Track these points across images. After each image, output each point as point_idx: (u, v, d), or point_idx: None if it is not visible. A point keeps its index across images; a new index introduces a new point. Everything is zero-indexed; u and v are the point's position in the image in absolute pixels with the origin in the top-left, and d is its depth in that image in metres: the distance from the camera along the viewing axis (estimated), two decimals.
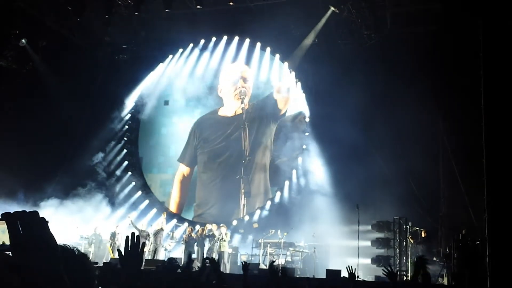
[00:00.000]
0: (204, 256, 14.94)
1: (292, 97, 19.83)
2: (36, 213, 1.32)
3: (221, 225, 17.16)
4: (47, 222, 1.34)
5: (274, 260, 13.92)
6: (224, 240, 16.30)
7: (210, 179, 20.33)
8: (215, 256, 14.75)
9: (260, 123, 20.06)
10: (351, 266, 6.29)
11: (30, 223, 1.29)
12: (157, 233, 16.84)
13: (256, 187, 19.63)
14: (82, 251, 2.56)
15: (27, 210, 1.32)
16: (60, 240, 1.96)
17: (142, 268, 2.63)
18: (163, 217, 18.02)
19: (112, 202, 20.10)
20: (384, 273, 5.36)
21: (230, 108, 20.74)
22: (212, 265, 6.33)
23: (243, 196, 19.54)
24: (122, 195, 20.68)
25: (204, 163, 20.58)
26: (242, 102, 20.34)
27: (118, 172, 21.30)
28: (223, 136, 20.41)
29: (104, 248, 17.57)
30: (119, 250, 2.50)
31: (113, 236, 17.21)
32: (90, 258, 2.20)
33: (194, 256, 15.36)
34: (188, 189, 20.73)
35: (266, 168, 19.66)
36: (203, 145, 20.73)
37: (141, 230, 16.59)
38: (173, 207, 20.66)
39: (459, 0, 15.83)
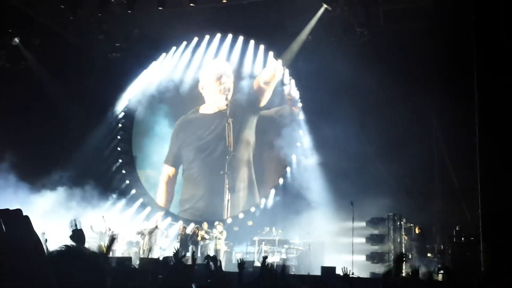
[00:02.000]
0: (198, 254, 14.95)
1: (271, 90, 19.84)
2: (19, 211, 1.29)
3: (217, 223, 17.16)
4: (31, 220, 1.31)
5: (266, 256, 13.91)
6: (219, 239, 16.30)
7: (195, 176, 20.37)
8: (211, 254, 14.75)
9: (243, 118, 20.12)
10: (346, 268, 6.33)
11: (13, 222, 1.26)
12: (152, 231, 16.79)
13: (241, 182, 19.68)
14: None
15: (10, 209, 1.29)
16: (63, 241, 1.95)
17: (133, 267, 2.61)
18: (159, 215, 17.96)
19: (107, 200, 19.99)
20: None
21: (213, 104, 20.72)
22: (214, 263, 6.34)
23: (227, 191, 19.58)
24: (116, 193, 20.57)
25: (189, 160, 20.59)
26: (226, 99, 20.33)
27: (112, 170, 21.22)
28: (208, 132, 20.43)
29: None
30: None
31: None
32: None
33: (188, 254, 15.35)
34: (174, 188, 20.81)
35: (251, 163, 19.69)
36: (189, 143, 20.72)
37: (139, 231, 16.61)
38: (160, 205, 20.72)
39: None
